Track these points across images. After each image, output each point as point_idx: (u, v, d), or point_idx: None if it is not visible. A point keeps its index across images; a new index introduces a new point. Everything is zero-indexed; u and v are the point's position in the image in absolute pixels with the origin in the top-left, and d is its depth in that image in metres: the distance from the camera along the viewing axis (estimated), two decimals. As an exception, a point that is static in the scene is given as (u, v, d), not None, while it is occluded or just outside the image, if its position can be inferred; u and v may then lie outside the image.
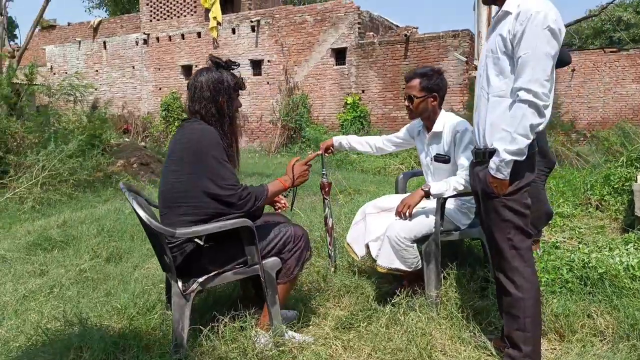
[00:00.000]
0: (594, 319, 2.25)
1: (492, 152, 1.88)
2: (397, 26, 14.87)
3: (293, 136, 13.58)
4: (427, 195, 2.44)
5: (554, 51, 1.77)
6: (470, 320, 2.30)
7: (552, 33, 1.75)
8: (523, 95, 1.77)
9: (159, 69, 15.44)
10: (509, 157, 1.81)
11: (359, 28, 12.80)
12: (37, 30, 19.89)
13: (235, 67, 2.22)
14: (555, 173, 5.55)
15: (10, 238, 5.27)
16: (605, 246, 3.03)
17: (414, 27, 12.46)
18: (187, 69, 15.18)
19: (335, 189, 6.91)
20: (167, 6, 15.10)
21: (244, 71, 14.32)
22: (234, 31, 14.29)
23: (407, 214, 2.43)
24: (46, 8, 9.93)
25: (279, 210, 2.53)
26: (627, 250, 2.85)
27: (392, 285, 2.83)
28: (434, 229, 2.48)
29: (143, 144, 14.46)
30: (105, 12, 24.48)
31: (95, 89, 16.36)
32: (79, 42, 16.55)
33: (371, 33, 13.18)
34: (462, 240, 3.03)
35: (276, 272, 2.16)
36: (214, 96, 2.09)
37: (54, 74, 16.69)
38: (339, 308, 2.62)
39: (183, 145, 2.02)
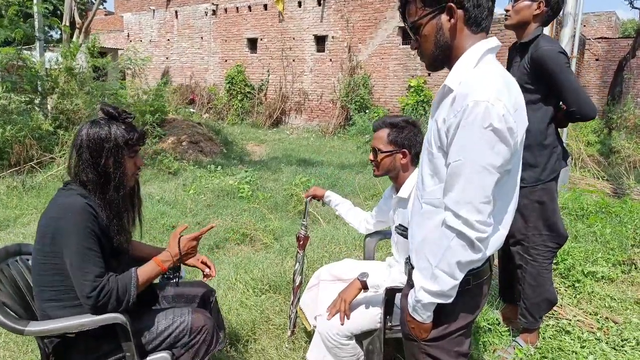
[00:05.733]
0: None
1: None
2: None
3: (352, 117, 13.03)
4: (365, 287, 1.95)
5: (500, 160, 1.17)
6: None
7: (498, 135, 1.15)
8: (450, 220, 1.21)
9: (226, 41, 15.40)
10: (426, 299, 1.28)
11: (430, 4, 11.74)
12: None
13: (130, 118, 1.83)
14: (612, 206, 4.54)
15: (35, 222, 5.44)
16: (631, 339, 2.35)
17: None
18: (252, 42, 14.99)
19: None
20: (236, -24, 14.88)
21: (308, 47, 13.87)
22: (300, 4, 13.77)
23: (344, 311, 1.95)
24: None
25: (206, 279, 2.16)
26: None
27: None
28: (378, 324, 1.99)
29: (206, 116, 14.67)
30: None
31: (167, 58, 16.79)
32: (153, 10, 16.91)
33: (444, 9, 12.04)
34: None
35: (167, 368, 1.83)
36: (95, 159, 1.72)
37: (130, 41, 17.32)
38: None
39: (46, 223, 1.69)
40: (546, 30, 6.11)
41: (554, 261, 2.89)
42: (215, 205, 6.09)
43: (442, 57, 1.31)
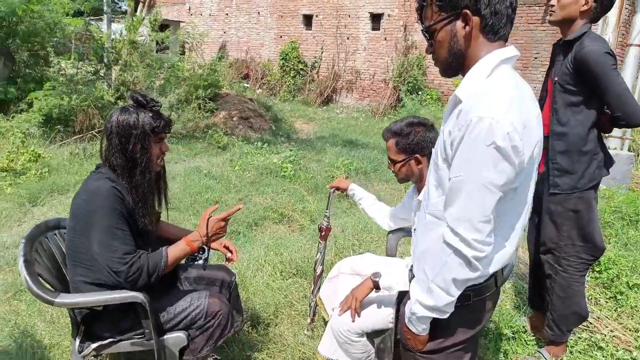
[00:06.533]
0: None
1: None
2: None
3: (402, 99, 12.75)
4: (376, 287, 1.94)
5: (503, 179, 1.12)
6: None
7: (501, 153, 1.09)
8: (448, 236, 1.18)
9: (282, 17, 15.39)
10: (421, 312, 1.27)
11: (495, -18, 11.12)
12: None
13: (157, 106, 1.90)
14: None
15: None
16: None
17: (563, -15, 10.42)
18: (307, 18, 14.89)
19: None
20: (295, -50, 14.72)
21: (363, 25, 13.61)
22: (357, -20, 13.47)
23: (354, 308, 1.96)
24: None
25: (228, 263, 2.24)
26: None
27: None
28: (390, 324, 1.99)
29: (259, 91, 14.85)
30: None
31: (224, 32, 17.03)
32: (214, -16, 17.11)
33: (510, -12, 11.38)
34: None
35: (183, 348, 1.93)
36: (123, 144, 1.81)
37: (191, 14, 17.67)
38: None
39: (77, 204, 1.80)
40: (612, 16, 5.58)
41: (588, 272, 2.75)
42: (258, 182, 6.21)
43: (455, 65, 1.26)
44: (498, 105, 1.10)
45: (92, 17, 12.36)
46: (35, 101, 7.65)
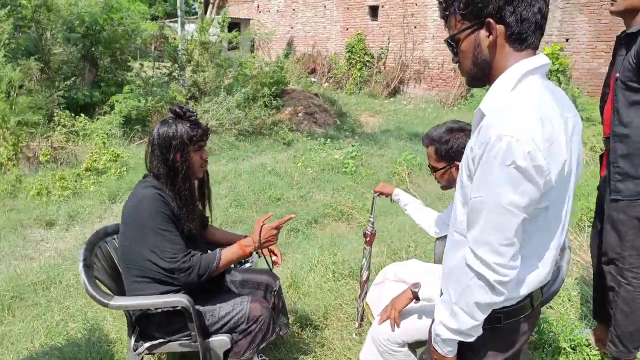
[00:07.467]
0: None
1: None
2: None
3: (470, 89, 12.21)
4: (416, 298, 1.88)
5: (526, 200, 1.04)
6: None
7: (522, 173, 1.01)
8: (470, 259, 1.12)
9: (347, 9, 15.30)
10: (445, 335, 1.22)
11: (576, -43, 10.30)
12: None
13: (194, 116, 1.98)
14: None
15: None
16: None
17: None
18: (373, 9, 14.69)
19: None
20: (360, -59, 14.54)
21: (430, 12, 13.17)
22: (425, -34, 13.05)
23: (394, 318, 1.93)
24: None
25: (274, 266, 2.29)
26: None
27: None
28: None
29: (325, 85, 14.92)
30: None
31: (291, 27, 17.28)
32: (281, -19, 17.38)
33: (593, -37, 10.47)
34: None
35: (228, 350, 2.01)
36: (164, 155, 1.92)
37: (260, 12, 18.10)
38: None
39: (127, 211, 1.94)
40: None
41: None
42: (319, 179, 6.26)
43: (480, 76, 1.19)
44: (519, 121, 1.03)
45: (169, 20, 13.06)
46: (116, 104, 8.24)
